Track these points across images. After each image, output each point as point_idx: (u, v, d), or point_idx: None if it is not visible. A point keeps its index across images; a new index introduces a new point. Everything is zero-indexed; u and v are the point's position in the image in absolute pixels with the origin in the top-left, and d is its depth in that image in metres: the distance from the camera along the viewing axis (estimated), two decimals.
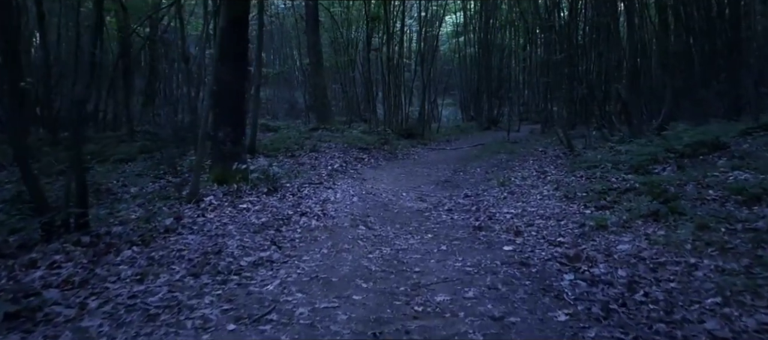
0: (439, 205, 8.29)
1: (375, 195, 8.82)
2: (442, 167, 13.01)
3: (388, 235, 6.22)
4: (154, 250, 5.16)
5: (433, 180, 11.18)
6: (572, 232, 5.93)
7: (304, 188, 8.68)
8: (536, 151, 14.79)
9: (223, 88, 8.82)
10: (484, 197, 8.72)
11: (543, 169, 11.45)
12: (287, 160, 11.87)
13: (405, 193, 9.37)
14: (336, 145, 13.89)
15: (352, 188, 9.21)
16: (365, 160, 12.84)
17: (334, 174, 10.29)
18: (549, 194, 8.12)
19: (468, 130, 22.26)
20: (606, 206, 6.82)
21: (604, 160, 10.25)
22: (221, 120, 8.78)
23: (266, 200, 7.65)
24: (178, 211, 6.75)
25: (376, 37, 22.08)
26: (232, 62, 8.76)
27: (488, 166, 12.48)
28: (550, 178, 9.78)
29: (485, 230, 6.34)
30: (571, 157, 12.60)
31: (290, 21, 23.79)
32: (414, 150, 16.69)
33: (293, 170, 10.42)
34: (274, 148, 13.07)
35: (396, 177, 11.35)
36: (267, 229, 6.06)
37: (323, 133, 16.30)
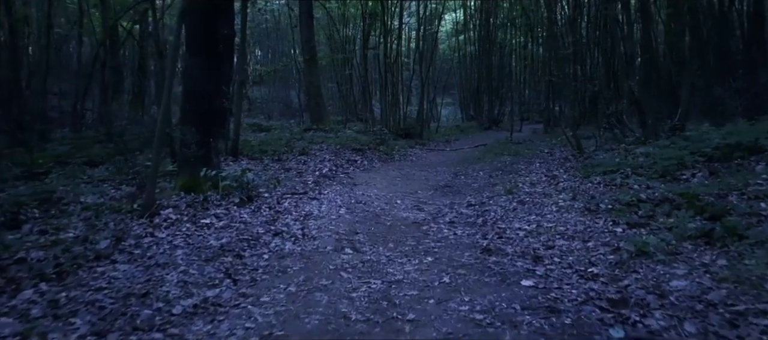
0: (439, 215, 6.96)
1: (366, 204, 7.49)
2: (441, 170, 11.67)
3: (379, 259, 4.88)
4: (68, 288, 3.83)
5: (431, 185, 9.85)
6: (605, 259, 4.60)
7: (284, 199, 7.33)
8: (542, 152, 13.46)
9: (193, 85, 7.49)
10: (490, 206, 7.38)
11: (552, 173, 10.12)
12: (273, 164, 10.53)
13: (400, 200, 8.04)
14: (328, 146, 12.54)
15: (341, 196, 7.86)
16: (358, 162, 11.49)
17: (322, 181, 8.94)
18: (566, 205, 6.78)
19: (468, 130, 20.90)
20: (640, 224, 5.48)
21: (622, 165, 8.91)
22: (190, 120, 7.44)
23: (236, 213, 6.32)
24: (124, 228, 5.42)
25: (374, 36, 20.76)
26: (202, 56, 7.42)
27: (492, 170, 11.14)
28: (562, 184, 8.44)
29: (496, 253, 5.00)
30: (581, 160, 11.27)
31: (285, 18, 22.42)
32: (412, 151, 15.34)
33: (277, 176, 9.07)
34: (262, 151, 11.73)
35: (391, 181, 10.02)
36: (225, 254, 4.72)
37: (316, 133, 14.97)
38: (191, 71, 7.45)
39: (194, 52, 7.42)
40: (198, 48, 7.40)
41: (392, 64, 18.25)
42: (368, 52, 20.17)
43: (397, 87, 18.62)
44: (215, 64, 7.63)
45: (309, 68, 17.77)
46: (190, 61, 7.48)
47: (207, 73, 7.43)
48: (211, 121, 7.58)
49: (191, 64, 7.45)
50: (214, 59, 7.60)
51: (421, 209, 7.43)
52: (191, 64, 7.45)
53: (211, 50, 7.56)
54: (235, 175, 6.97)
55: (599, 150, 11.49)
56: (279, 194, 7.51)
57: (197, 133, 7.27)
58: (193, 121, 7.39)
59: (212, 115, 7.62)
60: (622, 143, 11.24)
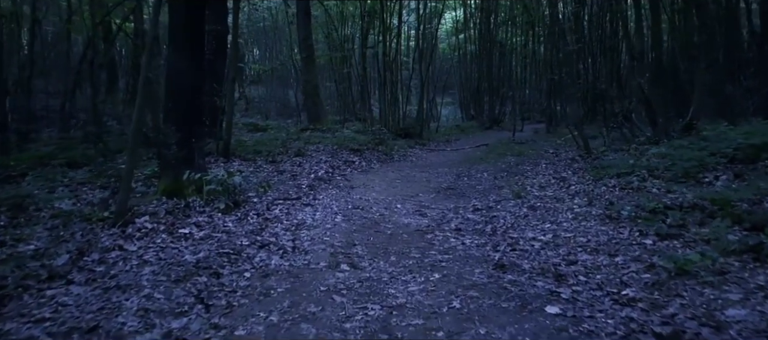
0: (444, 222, 6.27)
1: (364, 210, 6.79)
2: (443, 171, 10.98)
3: (379, 277, 4.18)
4: (4, 318, 3.13)
5: (433, 187, 9.16)
6: (639, 278, 3.90)
7: (275, 205, 6.63)
8: (546, 153, 12.77)
9: (176, 81, 6.78)
10: (498, 212, 6.69)
11: (560, 175, 9.43)
12: (267, 166, 9.82)
13: (401, 205, 7.35)
14: (325, 147, 11.83)
15: (337, 201, 7.16)
16: (356, 163, 10.78)
17: (317, 185, 8.23)
18: (583, 212, 6.09)
19: (468, 129, 20.20)
20: (671, 235, 4.78)
21: (636, 166, 8.23)
22: (172, 119, 6.74)
23: (219, 221, 5.62)
24: (90, 240, 4.72)
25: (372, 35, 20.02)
26: (186, 50, 6.72)
27: (496, 171, 10.44)
28: (574, 187, 7.74)
29: (511, 269, 4.30)
30: (589, 160, 10.59)
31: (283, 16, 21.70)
32: (411, 151, 14.64)
33: (268, 179, 8.37)
34: (256, 151, 11.02)
35: (391, 183, 9.32)
36: (200, 273, 4.02)
37: (313, 134, 14.26)
38: (174, 66, 6.74)
39: (177, 46, 6.71)
40: (182, 41, 6.70)
41: (391, 63, 17.54)
42: (367, 50, 19.45)
43: (396, 86, 17.91)
44: (200, 58, 6.93)
45: (306, 66, 17.05)
46: (173, 56, 6.78)
47: (191, 69, 6.73)
48: (196, 120, 6.88)
49: (174, 58, 6.74)
50: (199, 53, 6.90)
51: (424, 215, 6.74)
52: (174, 58, 6.74)
53: (196, 43, 6.86)
54: (221, 178, 6.26)
55: (608, 150, 10.80)
56: (269, 200, 6.81)
57: (180, 133, 6.57)
58: (176, 120, 6.69)
59: (197, 114, 6.92)
60: (631, 143, 10.55)
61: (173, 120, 6.73)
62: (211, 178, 6.25)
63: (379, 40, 18.26)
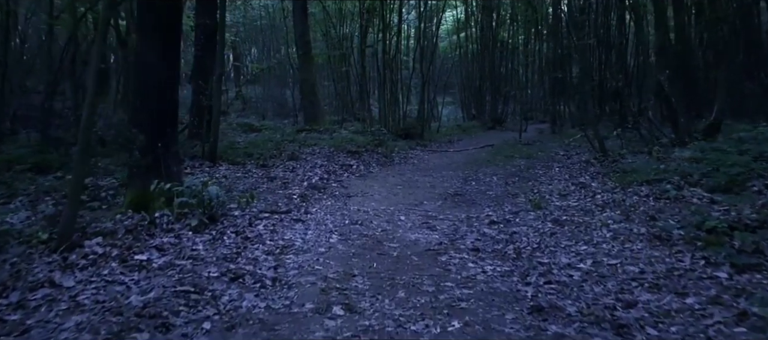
0: (458, 237, 5.21)
1: (364, 225, 5.69)
2: (448, 175, 9.89)
3: (382, 325, 3.11)
4: None
5: (439, 193, 8.09)
6: (731, 333, 2.82)
7: (260, 220, 5.53)
8: (557, 155, 11.69)
9: (145, 76, 5.69)
10: (517, 226, 5.61)
11: (578, 180, 8.36)
12: (257, 171, 8.73)
13: (405, 216, 6.27)
14: (321, 149, 10.74)
15: (332, 215, 6.06)
16: (354, 167, 9.68)
17: (310, 195, 7.11)
18: (621, 229, 5.01)
19: (470, 129, 19.10)
20: (752, 265, 3.70)
21: (667, 172, 7.15)
22: (140, 120, 5.65)
23: (188, 243, 4.53)
24: (21, 270, 3.63)
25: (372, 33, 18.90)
26: (157, 39, 5.62)
27: (506, 175, 9.35)
28: (601, 197, 6.66)
29: (552, 315, 3.22)
30: (606, 164, 9.52)
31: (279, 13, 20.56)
32: (412, 152, 13.55)
33: (257, 186, 7.29)
34: (247, 154, 9.93)
35: (391, 189, 8.24)
36: (142, 325, 2.92)
37: (310, 135, 13.17)
38: (142, 59, 5.65)
39: (145, 34, 5.62)
40: (150, 28, 5.60)
41: (391, 61, 16.44)
42: (366, 49, 18.34)
43: (396, 85, 16.81)
44: (174, 49, 5.83)
45: (303, 65, 15.95)
46: (141, 46, 5.68)
47: (162, 61, 5.63)
48: (168, 122, 5.78)
49: (142, 49, 5.64)
50: (172, 43, 5.80)
51: (433, 228, 5.67)
52: (142, 49, 5.64)
53: (169, 31, 5.76)
54: (195, 189, 5.17)
55: (625, 152, 9.73)
56: (253, 213, 5.71)
57: (148, 136, 5.48)
58: (144, 122, 5.60)
59: (169, 114, 5.82)
60: (652, 145, 9.47)
61: (141, 121, 5.64)
62: (185, 188, 5.15)
63: (378, 38, 17.15)
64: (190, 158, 9.03)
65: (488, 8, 20.80)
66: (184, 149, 9.70)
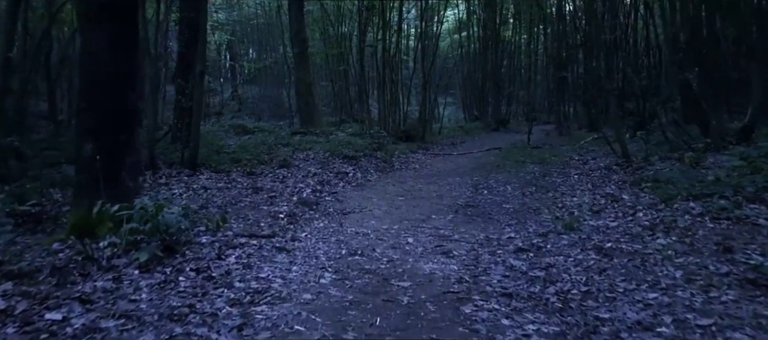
0: (479, 270, 4.03)
1: (364, 254, 4.48)
2: (455, 182, 8.70)
3: None
4: None
5: (448, 205, 6.91)
6: None
7: (233, 248, 4.31)
8: (572, 159, 10.49)
9: (92, 69, 4.47)
10: (550, 254, 4.40)
11: (604, 191, 7.17)
12: (242, 180, 7.52)
13: (412, 237, 5.08)
14: (315, 154, 9.52)
15: (325, 240, 4.84)
16: (350, 175, 8.46)
17: (300, 213, 5.87)
18: (690, 264, 3.81)
19: (473, 130, 17.89)
20: None
21: (716, 184, 5.96)
22: (87, 123, 4.44)
23: (130, 288, 3.32)
24: None
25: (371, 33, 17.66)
26: (105, 22, 4.40)
27: (521, 184, 8.15)
28: (643, 215, 5.45)
29: None
30: (630, 171, 8.32)
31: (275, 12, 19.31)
32: (414, 156, 12.35)
33: (237, 201, 6.07)
34: (234, 160, 8.71)
35: (393, 202, 7.04)
36: None
37: (305, 138, 11.96)
38: (87, 49, 4.44)
39: (90, 16, 4.40)
40: (97, 10, 4.38)
41: (391, 59, 15.22)
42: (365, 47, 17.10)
43: (396, 85, 15.58)
44: (129, 36, 4.60)
45: (299, 63, 14.73)
46: (86, 33, 4.47)
47: (112, 52, 4.41)
48: (122, 127, 4.56)
49: (88, 37, 4.43)
50: (126, 28, 4.57)
51: (449, 253, 4.49)
52: (88, 37, 4.43)
53: (122, 14, 4.53)
54: (149, 212, 3.94)
55: (653, 159, 8.52)
56: (226, 239, 4.49)
57: (97, 145, 4.27)
58: (92, 127, 4.39)
59: (124, 118, 4.60)
60: (683, 150, 8.27)
61: (87, 127, 4.42)
62: (136, 212, 3.93)
63: (378, 37, 15.91)
64: (168, 165, 7.82)
65: (491, 6, 19.57)
66: (165, 155, 8.50)
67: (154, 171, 7.31)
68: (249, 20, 21.83)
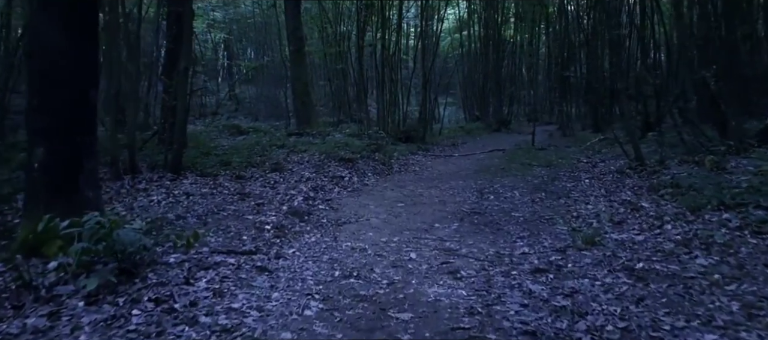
0: (494, 299, 3.37)
1: (360, 275, 3.82)
2: (458, 186, 8.05)
3: None
4: None
5: (452, 211, 6.27)
6: None
7: (204, 271, 3.64)
8: (580, 162, 9.82)
9: (44, 61, 3.80)
10: (573, 275, 3.75)
11: (620, 197, 6.52)
12: (229, 185, 6.85)
13: (415, 252, 4.43)
14: (310, 157, 8.86)
15: (315, 259, 4.17)
16: (346, 179, 7.79)
17: (288, 225, 5.19)
18: (745, 294, 3.15)
19: (474, 131, 17.22)
20: None
21: (749, 191, 5.30)
22: (39, 123, 3.78)
23: (66, 328, 2.64)
24: None
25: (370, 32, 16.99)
26: (58, 9, 3.74)
27: (529, 189, 7.49)
28: (672, 228, 4.79)
29: None
30: (644, 175, 7.65)
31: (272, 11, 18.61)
32: (414, 158, 11.69)
33: (220, 209, 5.41)
34: (223, 163, 8.03)
35: (392, 208, 6.39)
36: None
37: (301, 139, 11.29)
38: (38, 36, 3.77)
39: (42, 1, 3.73)
40: None
41: (391, 57, 14.54)
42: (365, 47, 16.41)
43: (396, 84, 14.89)
44: (86, 25, 3.93)
45: (296, 62, 14.05)
46: (36, 19, 3.80)
47: (66, 36, 3.74)
48: (80, 127, 3.90)
49: (37, 19, 3.76)
50: (82, 16, 3.90)
51: (456, 274, 3.86)
52: (37, 19, 3.76)
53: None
54: (104, 228, 3.28)
55: (668, 161, 7.86)
56: (199, 259, 3.83)
57: (50, 148, 3.62)
58: (44, 128, 3.73)
59: (82, 118, 3.93)
60: (703, 153, 7.60)
61: (38, 126, 3.76)
62: (85, 228, 3.26)
63: (377, 35, 15.22)
64: (150, 169, 7.15)
65: (492, 4, 18.89)
66: (151, 157, 7.83)
67: (134, 175, 6.65)
68: (246, 19, 21.13)
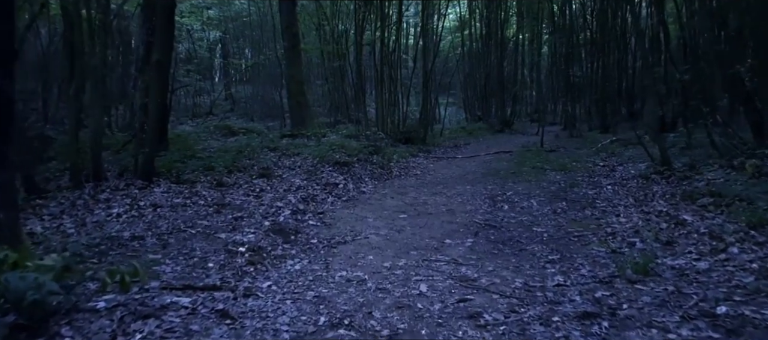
0: None
1: (349, 320, 2.84)
2: (466, 193, 7.06)
3: None
4: None
5: (463, 223, 5.33)
6: None
7: (143, 321, 2.64)
8: (596, 166, 8.83)
9: None
10: (634, 322, 2.77)
11: (654, 208, 5.54)
12: (208, 193, 5.84)
13: (426, 282, 3.50)
14: (303, 161, 7.86)
15: (294, 297, 3.16)
16: (341, 186, 6.77)
17: (269, 247, 4.17)
18: None
19: (476, 132, 16.21)
20: None
21: None
22: None
23: None
24: None
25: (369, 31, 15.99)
26: None
27: (547, 197, 6.50)
28: (737, 251, 3.80)
29: None
30: (674, 181, 6.67)
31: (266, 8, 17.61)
32: (415, 161, 10.70)
33: (189, 224, 4.41)
34: (206, 168, 7.01)
35: (394, 221, 5.40)
36: None
37: (294, 141, 10.28)
38: None
39: None
40: None
41: (390, 54, 13.55)
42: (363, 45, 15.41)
43: (395, 83, 13.89)
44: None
45: (290, 59, 13.03)
46: None
47: None
48: None
49: None
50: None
51: (478, 318, 2.93)
52: None
53: None
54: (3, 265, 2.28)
55: (700, 165, 6.87)
56: (139, 301, 2.82)
57: None
58: None
59: None
60: (740, 157, 6.63)
61: None
62: None
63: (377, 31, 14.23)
64: (118, 175, 6.14)
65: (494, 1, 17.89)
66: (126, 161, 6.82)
67: (98, 183, 5.65)
68: (242, 17, 20.11)
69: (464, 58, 20.00)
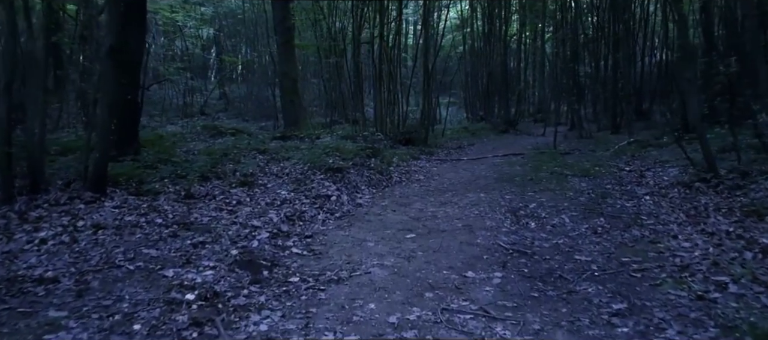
0: None
1: None
2: (481, 203, 5.85)
3: None
4: None
5: (486, 247, 4.17)
6: None
7: None
8: (621, 171, 7.63)
9: None
10: None
11: (716, 226, 4.36)
12: (170, 209, 4.62)
13: None
14: (292, 168, 6.62)
15: None
16: (333, 199, 5.52)
17: (229, 291, 2.96)
18: None
19: (479, 133, 14.97)
20: None
21: None
22: None
23: None
24: None
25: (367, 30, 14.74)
26: None
27: (580, 210, 5.28)
28: None
29: None
30: (724, 191, 5.49)
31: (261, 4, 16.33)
32: (416, 164, 9.49)
33: (125, 258, 3.18)
34: (178, 176, 5.78)
35: (400, 245, 4.19)
36: None
37: (286, 143, 9.06)
38: None
39: None
40: None
41: (390, 51, 12.32)
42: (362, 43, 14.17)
43: (395, 81, 12.67)
44: None
45: (283, 56, 11.83)
46: None
47: None
48: None
49: None
50: None
51: None
52: None
53: None
54: None
55: (754, 172, 5.69)
56: None
57: None
58: None
59: None
60: None
61: None
62: None
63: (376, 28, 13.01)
64: (64, 186, 4.90)
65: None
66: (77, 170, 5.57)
67: (34, 196, 4.42)
68: (235, 14, 18.84)
69: (465, 56, 18.79)
